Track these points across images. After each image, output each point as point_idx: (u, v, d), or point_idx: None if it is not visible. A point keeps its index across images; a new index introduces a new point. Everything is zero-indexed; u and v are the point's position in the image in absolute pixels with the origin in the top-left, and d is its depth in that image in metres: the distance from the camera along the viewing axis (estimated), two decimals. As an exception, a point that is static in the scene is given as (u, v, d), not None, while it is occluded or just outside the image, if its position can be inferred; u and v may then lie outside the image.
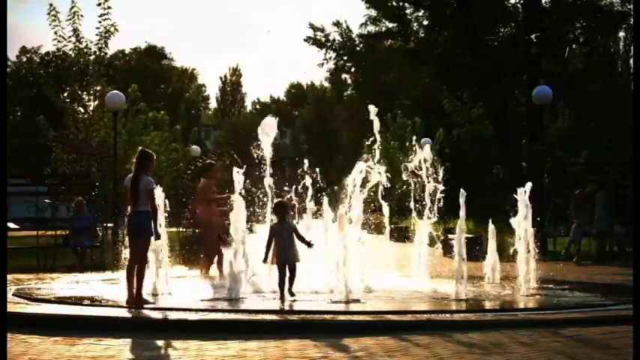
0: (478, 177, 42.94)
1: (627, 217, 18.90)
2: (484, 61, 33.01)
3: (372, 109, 13.65)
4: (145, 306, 10.55)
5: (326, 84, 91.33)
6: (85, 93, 28.27)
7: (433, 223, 13.64)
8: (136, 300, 10.76)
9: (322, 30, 63.48)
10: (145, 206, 10.82)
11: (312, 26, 63.24)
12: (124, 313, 10.34)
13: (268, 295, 11.97)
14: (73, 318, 9.78)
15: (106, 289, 13.05)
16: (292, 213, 13.49)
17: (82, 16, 26.59)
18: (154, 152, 12.00)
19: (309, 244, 11.68)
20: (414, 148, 14.02)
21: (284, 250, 11.53)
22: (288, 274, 11.58)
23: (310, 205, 14.13)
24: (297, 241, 11.69)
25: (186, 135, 42.62)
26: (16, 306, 10.62)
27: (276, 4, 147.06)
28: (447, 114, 47.21)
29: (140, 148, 11.90)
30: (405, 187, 13.98)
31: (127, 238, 11.39)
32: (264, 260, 11.67)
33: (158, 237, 11.23)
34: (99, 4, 26.45)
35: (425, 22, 48.22)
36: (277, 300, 11.34)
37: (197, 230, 16.84)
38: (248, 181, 12.72)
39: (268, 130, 13.78)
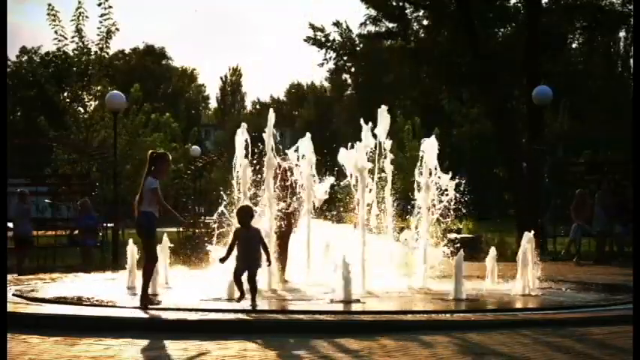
0: (478, 177, 42.97)
1: (628, 218, 18.90)
2: (484, 61, 32.99)
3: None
4: (150, 306, 10.53)
5: (326, 84, 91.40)
6: (85, 93, 28.32)
7: (433, 223, 13.62)
8: (141, 298, 10.78)
9: (322, 30, 63.45)
10: (147, 207, 10.82)
11: (312, 26, 63.19)
12: (124, 313, 10.33)
13: (268, 295, 11.98)
14: (73, 318, 9.77)
15: (107, 288, 13.05)
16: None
17: (87, 17, 26.67)
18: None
19: (267, 259, 10.78)
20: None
21: (245, 257, 10.61)
22: (245, 278, 10.66)
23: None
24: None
25: (186, 135, 42.66)
26: (16, 306, 10.61)
27: (276, 4, 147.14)
28: (447, 114, 47.20)
29: (150, 150, 11.81)
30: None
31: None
32: (222, 260, 10.83)
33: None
34: (99, 4, 26.50)
35: (425, 22, 48.25)
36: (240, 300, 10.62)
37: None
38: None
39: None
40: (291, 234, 13.88)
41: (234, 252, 10.62)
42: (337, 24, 64.08)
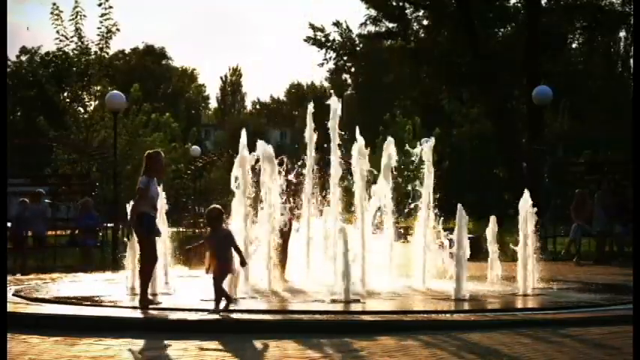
0: (478, 177, 42.95)
1: (628, 218, 18.90)
2: (484, 61, 33.02)
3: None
4: (150, 306, 10.53)
5: (326, 84, 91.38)
6: (85, 93, 28.34)
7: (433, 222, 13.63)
8: (140, 299, 10.76)
9: (322, 30, 63.44)
10: (144, 207, 10.83)
11: (312, 26, 63.18)
12: (124, 313, 10.34)
13: (268, 295, 11.98)
14: (73, 318, 9.78)
15: (107, 288, 13.05)
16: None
17: (84, 16, 26.67)
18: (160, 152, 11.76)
19: (242, 261, 10.24)
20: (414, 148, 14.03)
21: (218, 259, 10.11)
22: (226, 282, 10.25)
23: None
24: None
25: (186, 135, 42.70)
26: (16, 306, 10.62)
27: (276, 4, 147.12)
28: (447, 114, 47.19)
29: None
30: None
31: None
32: (190, 249, 10.68)
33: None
34: (100, 4, 26.53)
35: (425, 22, 48.22)
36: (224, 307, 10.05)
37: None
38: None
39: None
40: (291, 234, 13.89)
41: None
42: (337, 24, 64.04)
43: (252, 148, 12.96)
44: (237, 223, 12.56)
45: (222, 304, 10.09)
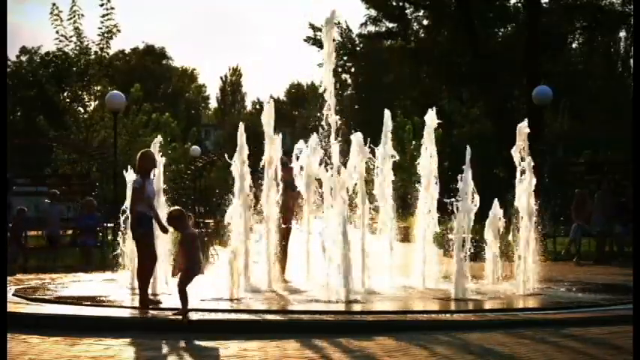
0: (478, 177, 42.91)
1: (628, 218, 18.88)
2: (484, 61, 33.00)
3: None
4: (151, 306, 10.51)
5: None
6: (85, 93, 28.36)
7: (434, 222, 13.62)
8: (141, 299, 10.75)
9: (322, 30, 63.49)
10: (140, 207, 10.83)
11: (312, 26, 63.21)
12: (124, 313, 10.34)
13: (268, 295, 11.98)
14: (73, 318, 9.78)
15: (107, 288, 13.04)
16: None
17: (82, 15, 26.70)
18: (152, 150, 11.80)
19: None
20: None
21: (184, 263, 9.81)
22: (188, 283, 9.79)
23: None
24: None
25: (186, 135, 42.72)
26: (16, 306, 10.62)
27: (276, 4, 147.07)
28: (447, 114, 47.22)
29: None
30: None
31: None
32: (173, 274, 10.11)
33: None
34: (102, 5, 26.57)
35: (425, 22, 48.23)
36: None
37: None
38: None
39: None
40: (291, 233, 13.87)
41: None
42: (337, 24, 64.07)
43: (252, 147, 12.96)
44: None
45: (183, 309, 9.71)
